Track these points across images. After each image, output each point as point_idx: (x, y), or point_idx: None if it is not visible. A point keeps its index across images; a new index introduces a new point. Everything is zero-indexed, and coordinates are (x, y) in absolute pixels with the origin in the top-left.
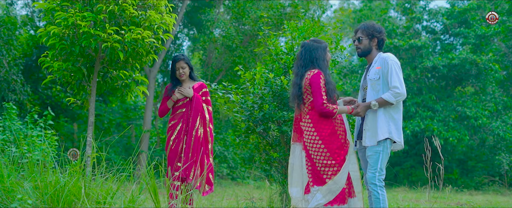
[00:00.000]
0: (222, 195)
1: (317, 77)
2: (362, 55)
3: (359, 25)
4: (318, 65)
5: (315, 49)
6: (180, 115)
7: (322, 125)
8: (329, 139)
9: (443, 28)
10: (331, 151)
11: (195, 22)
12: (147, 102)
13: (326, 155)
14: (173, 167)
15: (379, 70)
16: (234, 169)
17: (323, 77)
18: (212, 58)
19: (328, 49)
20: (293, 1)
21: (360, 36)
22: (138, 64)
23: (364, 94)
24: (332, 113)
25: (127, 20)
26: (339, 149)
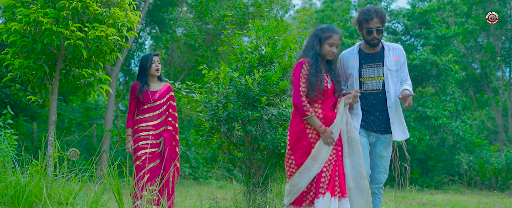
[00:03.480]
0: (184, 195)
1: (297, 67)
2: (375, 46)
3: (373, 13)
4: (306, 54)
5: (309, 37)
6: (150, 127)
7: (293, 119)
8: (295, 137)
9: (404, 29)
10: (294, 150)
11: (157, 21)
12: (108, 101)
13: (288, 153)
14: (141, 167)
15: (397, 61)
16: (196, 169)
17: (307, 67)
18: (175, 57)
19: (327, 39)
20: (256, 1)
21: (380, 26)
22: (102, 63)
23: (375, 83)
24: (303, 113)
25: (90, 17)
26: (300, 150)
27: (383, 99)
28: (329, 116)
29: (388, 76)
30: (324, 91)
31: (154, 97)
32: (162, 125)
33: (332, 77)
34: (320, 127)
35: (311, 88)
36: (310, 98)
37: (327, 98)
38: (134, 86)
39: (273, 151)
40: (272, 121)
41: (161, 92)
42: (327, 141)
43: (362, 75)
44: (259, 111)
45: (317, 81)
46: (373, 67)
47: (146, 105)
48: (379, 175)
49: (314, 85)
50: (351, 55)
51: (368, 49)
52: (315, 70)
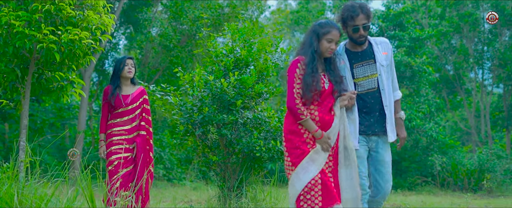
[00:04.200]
0: (159, 198)
1: (292, 66)
2: (362, 44)
3: (357, 9)
4: (302, 51)
5: (306, 33)
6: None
7: (287, 120)
8: (289, 137)
9: (379, 31)
10: (290, 151)
11: (132, 21)
12: (81, 102)
13: (285, 154)
14: (114, 172)
15: (386, 56)
16: (170, 170)
17: (302, 65)
18: (149, 58)
19: (325, 34)
20: (232, 2)
21: (366, 22)
22: (75, 66)
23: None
24: (298, 116)
25: (63, 20)
26: (296, 149)
27: (380, 98)
28: (326, 119)
29: (382, 72)
30: (321, 92)
31: (126, 102)
32: (136, 129)
33: (331, 77)
34: (316, 131)
35: (306, 89)
36: (306, 100)
37: (324, 99)
38: (106, 90)
39: (248, 155)
40: (248, 124)
41: (133, 96)
42: (324, 146)
43: (355, 76)
44: (234, 114)
45: (313, 81)
46: (365, 65)
47: (118, 109)
48: (387, 184)
49: (310, 86)
50: (338, 56)
51: (355, 48)
52: (311, 70)
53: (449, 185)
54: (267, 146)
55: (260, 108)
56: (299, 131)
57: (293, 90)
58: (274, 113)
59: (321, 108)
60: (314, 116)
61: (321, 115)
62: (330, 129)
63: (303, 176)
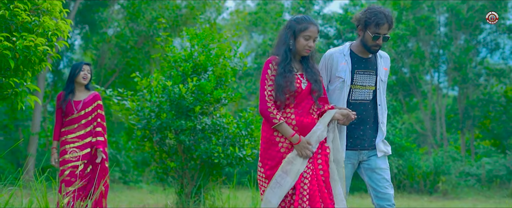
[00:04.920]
0: (115, 201)
1: (264, 67)
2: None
3: (384, 18)
4: (275, 50)
5: (281, 30)
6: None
7: (263, 127)
8: (264, 146)
9: (337, 33)
10: (263, 162)
11: (87, 21)
12: (36, 103)
13: (259, 165)
14: (68, 183)
15: (386, 72)
16: (126, 173)
17: (274, 66)
18: (105, 59)
19: (302, 31)
20: (189, 3)
21: (387, 33)
22: (30, 72)
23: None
24: (270, 121)
25: (18, 26)
26: (270, 160)
27: (372, 112)
28: (305, 122)
29: (380, 87)
30: (297, 93)
31: (77, 107)
32: (88, 135)
33: (309, 76)
34: (292, 136)
35: (279, 91)
36: (280, 103)
37: (301, 101)
38: (59, 96)
39: (207, 161)
40: (206, 130)
41: (85, 102)
42: (303, 153)
43: (353, 82)
44: (193, 120)
45: (286, 82)
46: (366, 74)
47: (70, 115)
48: (387, 189)
49: (283, 87)
50: (342, 56)
51: (361, 53)
52: (283, 70)
53: (405, 187)
54: (226, 152)
55: (218, 114)
56: (274, 139)
57: (265, 93)
58: (232, 119)
59: (298, 110)
60: (290, 120)
61: (299, 118)
62: (311, 133)
63: (278, 190)
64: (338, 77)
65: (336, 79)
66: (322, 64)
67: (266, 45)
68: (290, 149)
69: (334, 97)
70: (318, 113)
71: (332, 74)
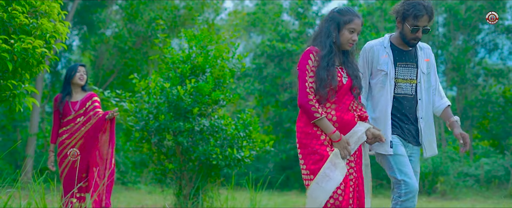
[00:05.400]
0: (113, 202)
1: (303, 57)
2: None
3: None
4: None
5: (322, 21)
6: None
7: (301, 121)
8: (304, 141)
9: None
10: (305, 158)
11: (86, 21)
12: (34, 104)
13: (301, 162)
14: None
15: (428, 63)
16: (125, 173)
17: (315, 58)
18: (103, 59)
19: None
20: (188, 3)
21: (427, 25)
22: (28, 75)
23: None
24: (311, 114)
25: (16, 29)
26: (313, 154)
27: (415, 108)
28: (344, 119)
29: (421, 80)
30: (338, 88)
31: (74, 108)
32: (86, 134)
33: (349, 71)
34: (333, 133)
35: (321, 85)
36: (320, 97)
37: (342, 97)
38: (56, 98)
39: (205, 163)
40: (204, 132)
41: (82, 101)
42: (342, 153)
43: (396, 76)
44: (191, 122)
45: (329, 76)
46: (407, 67)
47: (67, 116)
48: (415, 182)
49: (325, 81)
50: (382, 48)
51: (401, 45)
52: (326, 63)
53: None
54: (224, 153)
55: (216, 115)
56: (315, 133)
57: (306, 84)
58: (231, 121)
59: (339, 106)
60: (331, 116)
61: (339, 114)
62: (351, 133)
63: (326, 184)
64: (380, 71)
65: (378, 73)
66: (362, 58)
67: (264, 46)
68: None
69: (378, 91)
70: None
71: (373, 68)
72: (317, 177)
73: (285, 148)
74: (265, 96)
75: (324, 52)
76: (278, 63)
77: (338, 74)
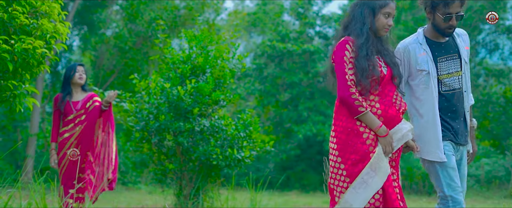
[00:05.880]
0: (113, 202)
1: (339, 48)
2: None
3: None
4: (351, 31)
5: (353, 7)
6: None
7: (340, 116)
8: (344, 138)
9: (336, 34)
10: (343, 156)
11: (86, 21)
12: (34, 104)
13: (337, 161)
14: (68, 183)
15: (468, 51)
16: (125, 173)
17: (352, 48)
18: (104, 59)
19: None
20: (188, 4)
21: (460, 11)
22: (28, 75)
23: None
24: (355, 109)
25: (17, 29)
26: (353, 154)
27: (462, 101)
28: (389, 113)
29: (465, 71)
30: (380, 79)
31: (76, 108)
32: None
33: (387, 59)
34: (380, 127)
35: (362, 76)
36: (362, 89)
37: (384, 88)
38: (56, 98)
39: (205, 163)
40: (204, 132)
41: (84, 101)
42: (386, 149)
43: (439, 72)
44: (191, 122)
45: (370, 66)
46: (450, 60)
47: (68, 115)
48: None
49: (367, 72)
50: (418, 46)
51: (436, 37)
52: (365, 52)
53: (404, 188)
54: (224, 154)
55: (217, 116)
56: (357, 129)
57: (346, 77)
58: (231, 121)
59: (382, 98)
60: (375, 109)
61: (384, 108)
62: (396, 129)
63: (364, 191)
64: (421, 71)
65: (418, 74)
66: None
67: (264, 46)
68: (376, 141)
69: (421, 93)
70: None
71: (411, 68)
72: (354, 182)
73: (286, 148)
74: (266, 96)
75: (361, 40)
76: (279, 64)
77: (378, 64)
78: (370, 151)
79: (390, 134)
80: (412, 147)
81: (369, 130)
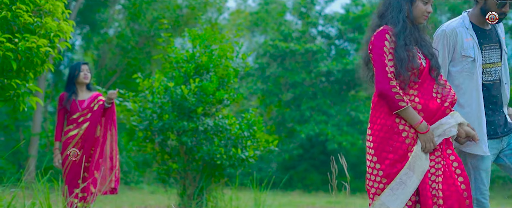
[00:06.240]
0: (116, 202)
1: (378, 38)
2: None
3: None
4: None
5: None
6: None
7: (377, 112)
8: (382, 135)
9: (338, 33)
10: (380, 155)
11: (88, 21)
12: (37, 104)
13: (372, 160)
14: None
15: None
16: (127, 173)
17: (391, 37)
18: (106, 59)
19: None
20: (190, 3)
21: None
22: (32, 74)
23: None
24: (396, 103)
25: (20, 27)
26: (391, 153)
27: (502, 93)
28: (430, 107)
29: (505, 62)
30: (420, 71)
31: (82, 106)
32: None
33: (424, 50)
34: (420, 123)
35: (402, 67)
36: (401, 82)
37: (424, 81)
38: (61, 97)
39: (209, 162)
40: (208, 131)
41: (89, 101)
42: (427, 146)
43: (483, 61)
44: (195, 122)
45: (409, 56)
46: (493, 49)
47: (74, 114)
48: None
49: (406, 62)
50: (465, 30)
51: (482, 24)
52: (403, 41)
53: None
54: (228, 153)
55: (220, 115)
56: (396, 126)
57: (386, 69)
58: (235, 120)
59: (422, 91)
60: (415, 104)
61: (424, 101)
62: (437, 124)
63: (402, 192)
64: (465, 57)
65: (462, 59)
66: (441, 43)
67: (267, 46)
68: (416, 139)
69: (463, 81)
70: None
71: (456, 54)
72: (392, 183)
73: (288, 148)
74: (268, 96)
75: (398, 28)
76: (281, 63)
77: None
78: (409, 150)
79: (431, 130)
80: (473, 136)
81: (409, 128)
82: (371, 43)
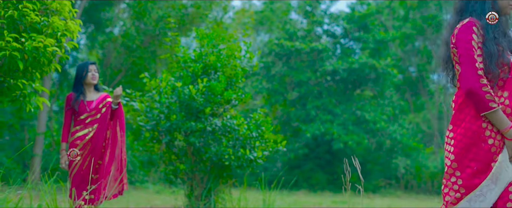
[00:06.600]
0: (121, 202)
1: (464, 31)
2: None
3: None
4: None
5: None
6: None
7: (462, 114)
8: (466, 141)
9: (343, 32)
10: (461, 162)
11: (93, 20)
12: (43, 104)
13: (452, 166)
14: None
15: None
16: (132, 173)
17: (479, 30)
18: (111, 58)
19: None
20: (196, 2)
21: None
22: (39, 74)
23: None
24: (485, 103)
25: (27, 27)
26: (474, 163)
27: None
28: None
29: None
30: (510, 67)
31: (90, 107)
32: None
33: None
34: (510, 128)
35: (491, 62)
36: (489, 80)
37: (511, 79)
38: (69, 97)
39: (217, 163)
40: (216, 132)
41: (97, 102)
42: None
43: None
44: (203, 122)
45: (499, 50)
46: None
47: (82, 114)
48: None
49: (496, 58)
50: None
51: None
52: (493, 34)
53: (412, 188)
54: (236, 154)
55: (228, 115)
56: (483, 132)
57: (476, 65)
58: (243, 120)
59: (511, 92)
60: (504, 107)
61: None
62: None
63: (479, 204)
64: None
65: None
66: None
67: (272, 45)
68: (502, 147)
69: None
70: None
71: None
72: (471, 194)
73: (293, 147)
74: (273, 95)
75: (485, 20)
76: (286, 62)
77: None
78: (494, 159)
79: None
80: None
81: (495, 134)
82: (456, 37)
